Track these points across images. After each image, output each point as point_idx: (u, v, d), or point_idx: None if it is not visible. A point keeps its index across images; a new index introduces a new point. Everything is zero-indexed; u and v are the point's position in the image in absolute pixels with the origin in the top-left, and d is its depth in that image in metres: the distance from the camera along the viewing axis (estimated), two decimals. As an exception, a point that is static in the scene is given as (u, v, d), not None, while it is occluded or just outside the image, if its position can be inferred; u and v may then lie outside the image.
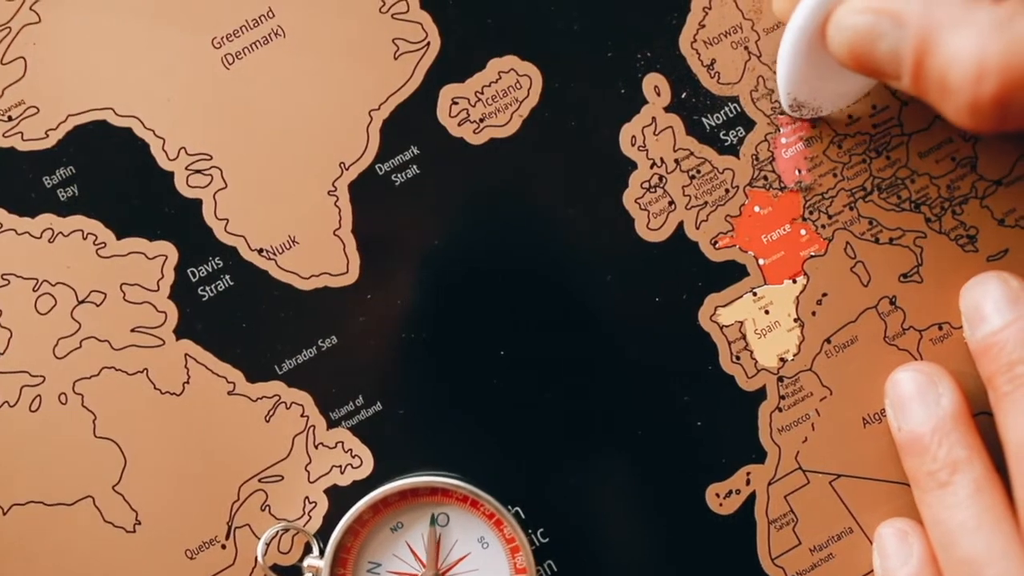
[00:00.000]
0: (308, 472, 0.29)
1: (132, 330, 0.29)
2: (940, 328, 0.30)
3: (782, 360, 0.30)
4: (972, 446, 0.27)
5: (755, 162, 0.30)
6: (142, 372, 0.29)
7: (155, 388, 0.29)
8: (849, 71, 0.26)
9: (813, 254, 0.30)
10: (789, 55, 0.27)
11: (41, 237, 0.29)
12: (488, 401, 0.30)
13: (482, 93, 0.29)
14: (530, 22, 0.29)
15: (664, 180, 0.30)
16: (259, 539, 0.29)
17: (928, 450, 0.28)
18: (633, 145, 0.29)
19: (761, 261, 0.30)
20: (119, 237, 0.29)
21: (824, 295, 0.30)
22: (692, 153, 0.30)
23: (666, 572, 0.30)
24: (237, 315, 0.29)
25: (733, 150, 0.30)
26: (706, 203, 0.30)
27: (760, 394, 0.30)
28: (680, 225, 0.30)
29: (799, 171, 0.30)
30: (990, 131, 0.23)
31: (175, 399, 0.29)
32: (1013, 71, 0.22)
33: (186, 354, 0.29)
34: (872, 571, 0.29)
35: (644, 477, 0.30)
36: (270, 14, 0.29)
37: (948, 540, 0.27)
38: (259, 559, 0.29)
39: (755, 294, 0.30)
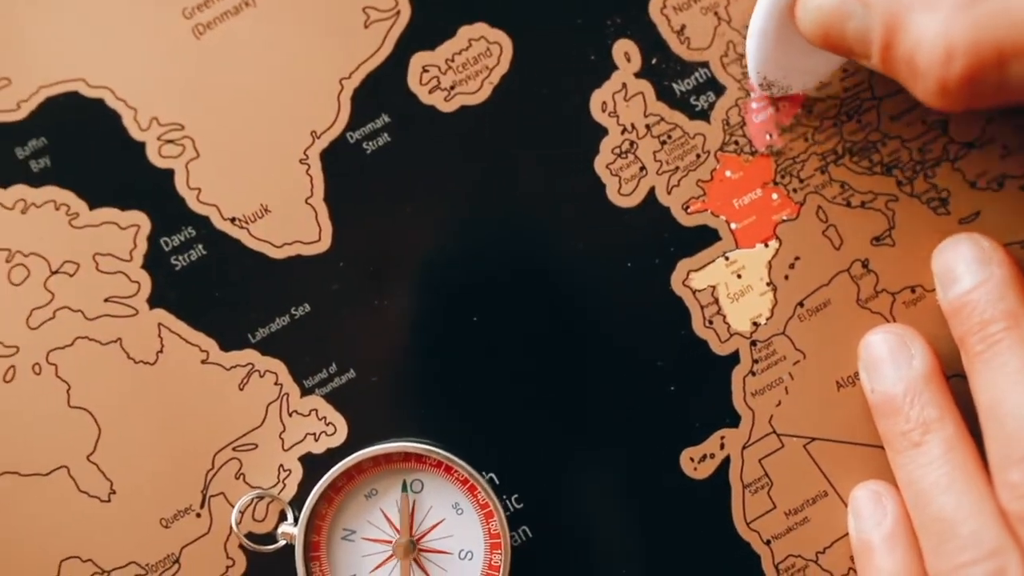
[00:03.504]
0: (282, 440, 0.29)
1: (105, 300, 0.29)
2: (913, 291, 0.30)
3: (755, 324, 0.30)
4: (944, 406, 0.27)
5: (726, 127, 0.30)
6: (116, 342, 0.29)
7: (129, 357, 0.29)
8: (819, 49, 0.26)
9: (785, 218, 0.30)
10: (759, 34, 0.27)
11: (14, 208, 0.29)
12: (461, 367, 0.30)
13: (452, 61, 0.29)
14: (500, -11, 0.29)
15: (635, 146, 0.30)
16: (233, 507, 0.29)
17: (900, 411, 0.28)
18: (604, 111, 0.29)
19: (733, 225, 0.30)
20: (92, 207, 0.29)
21: (796, 259, 0.30)
22: (663, 119, 0.30)
23: (641, 537, 0.30)
24: (210, 284, 0.29)
25: (704, 115, 0.30)
26: (677, 168, 0.30)
27: (733, 358, 0.30)
28: (652, 190, 0.30)
29: (770, 135, 0.30)
30: (961, 110, 0.23)
31: (149, 368, 0.29)
32: (980, 50, 0.22)
33: (159, 323, 0.29)
34: (847, 534, 0.29)
35: (618, 442, 0.30)
36: (241, -16, 0.29)
37: (921, 500, 0.27)
38: (233, 527, 0.29)
39: (727, 258, 0.30)
